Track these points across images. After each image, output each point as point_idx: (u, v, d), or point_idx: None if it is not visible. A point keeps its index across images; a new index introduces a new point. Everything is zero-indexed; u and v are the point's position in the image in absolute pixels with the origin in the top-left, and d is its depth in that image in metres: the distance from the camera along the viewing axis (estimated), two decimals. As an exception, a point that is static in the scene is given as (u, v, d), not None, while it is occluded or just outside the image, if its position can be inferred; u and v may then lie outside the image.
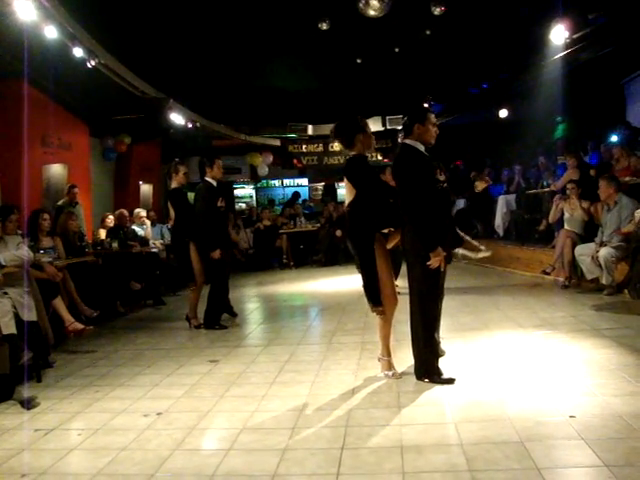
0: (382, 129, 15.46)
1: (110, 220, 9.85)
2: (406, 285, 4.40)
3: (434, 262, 4.06)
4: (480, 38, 10.70)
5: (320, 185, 18.80)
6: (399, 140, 14.92)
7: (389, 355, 4.48)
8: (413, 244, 4.19)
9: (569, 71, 10.10)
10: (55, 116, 9.30)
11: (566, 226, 7.91)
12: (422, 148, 4.27)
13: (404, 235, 4.30)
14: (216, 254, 6.59)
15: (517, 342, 5.20)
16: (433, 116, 4.34)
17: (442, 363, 4.32)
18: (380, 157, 15.46)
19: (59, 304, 5.89)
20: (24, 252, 5.09)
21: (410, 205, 4.13)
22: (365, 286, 4.36)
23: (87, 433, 3.69)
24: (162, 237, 10.62)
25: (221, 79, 12.01)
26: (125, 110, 10.97)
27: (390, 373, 4.43)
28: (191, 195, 7.27)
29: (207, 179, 6.77)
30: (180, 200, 7.00)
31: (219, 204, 6.73)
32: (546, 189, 9.75)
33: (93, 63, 7.51)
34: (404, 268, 4.49)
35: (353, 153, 4.45)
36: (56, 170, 9.92)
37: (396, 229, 4.38)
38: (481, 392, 3.93)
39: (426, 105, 11.77)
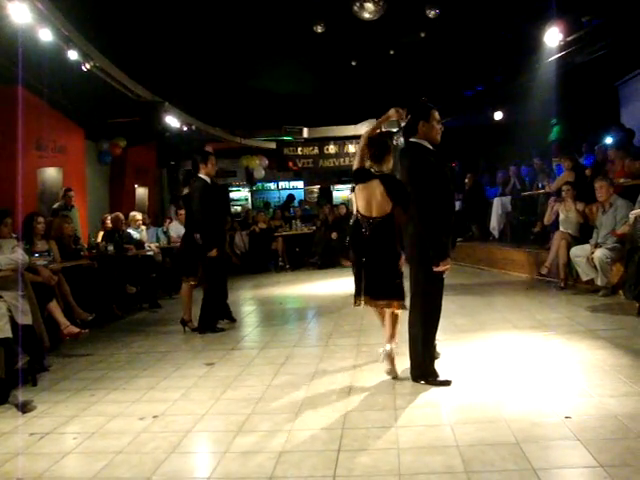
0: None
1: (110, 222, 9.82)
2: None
3: (442, 268, 4.06)
4: (475, 41, 10.73)
5: (316, 188, 18.82)
6: (394, 142, 14.92)
7: None
8: (419, 248, 4.13)
9: (563, 73, 10.13)
10: (50, 119, 9.29)
11: (561, 228, 7.93)
12: (430, 147, 4.16)
13: (407, 237, 4.27)
14: (214, 253, 6.56)
15: (513, 343, 5.21)
16: (437, 113, 4.20)
17: (438, 365, 4.33)
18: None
19: (54, 307, 5.87)
20: (19, 255, 5.08)
21: (427, 210, 4.04)
22: (396, 285, 4.42)
23: (83, 437, 3.68)
24: (158, 240, 10.60)
25: (216, 82, 12.02)
26: (120, 113, 10.96)
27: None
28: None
29: (201, 176, 6.66)
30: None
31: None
32: (541, 191, 9.77)
33: (88, 66, 7.51)
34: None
35: (380, 169, 4.47)
36: (51, 174, 9.91)
37: None
38: (477, 394, 3.94)
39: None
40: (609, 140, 10.34)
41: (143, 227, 10.40)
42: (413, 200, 4.14)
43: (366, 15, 8.93)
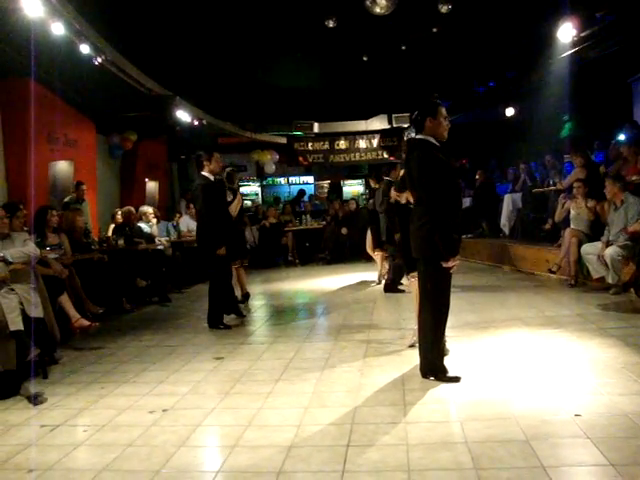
0: (388, 127, 15.45)
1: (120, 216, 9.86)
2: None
3: (452, 264, 4.05)
4: (487, 36, 10.68)
5: (326, 183, 18.81)
6: (405, 138, 14.88)
7: None
8: (428, 244, 4.09)
9: (576, 69, 10.06)
10: (61, 113, 9.32)
11: (572, 225, 7.88)
12: (437, 143, 4.14)
13: (415, 234, 4.25)
14: (222, 251, 6.58)
15: (523, 341, 5.19)
16: (444, 110, 4.17)
17: (447, 361, 4.32)
18: (386, 155, 15.42)
19: (65, 301, 5.90)
20: (31, 249, 5.10)
21: (437, 207, 4.01)
22: None
23: (93, 429, 3.71)
24: (168, 234, 10.64)
25: (227, 76, 12.02)
26: (131, 107, 10.99)
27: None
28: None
29: (204, 174, 6.65)
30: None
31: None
32: (552, 188, 9.71)
33: (100, 60, 7.53)
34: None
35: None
36: (62, 167, 9.94)
37: None
38: (487, 390, 3.93)
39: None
40: (622, 137, 10.26)
41: (154, 221, 10.42)
42: (422, 197, 4.13)
43: (378, 10, 8.90)
